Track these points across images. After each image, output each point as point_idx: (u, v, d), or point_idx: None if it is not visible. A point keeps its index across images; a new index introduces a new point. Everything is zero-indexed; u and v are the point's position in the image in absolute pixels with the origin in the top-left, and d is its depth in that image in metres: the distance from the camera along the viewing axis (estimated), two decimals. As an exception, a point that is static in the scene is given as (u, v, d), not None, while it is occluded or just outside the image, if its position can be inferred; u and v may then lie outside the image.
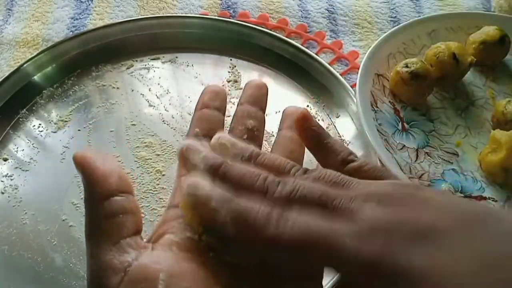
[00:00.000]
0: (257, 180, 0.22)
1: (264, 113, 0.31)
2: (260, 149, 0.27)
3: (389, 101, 0.51)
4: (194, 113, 0.29)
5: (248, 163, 0.23)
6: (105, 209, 0.22)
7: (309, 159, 0.28)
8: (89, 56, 0.55)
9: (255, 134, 0.29)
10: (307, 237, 0.19)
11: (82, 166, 0.22)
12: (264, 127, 0.30)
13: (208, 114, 0.29)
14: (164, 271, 0.20)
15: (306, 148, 0.27)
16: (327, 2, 0.64)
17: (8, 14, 0.61)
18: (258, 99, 0.31)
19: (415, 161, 0.47)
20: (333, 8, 0.63)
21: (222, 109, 0.30)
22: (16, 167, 0.46)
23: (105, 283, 0.20)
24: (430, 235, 0.18)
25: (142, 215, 0.43)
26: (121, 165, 0.46)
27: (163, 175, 0.46)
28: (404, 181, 0.21)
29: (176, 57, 0.56)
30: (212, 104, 0.29)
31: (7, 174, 0.46)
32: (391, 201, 0.20)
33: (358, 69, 0.51)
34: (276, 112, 0.46)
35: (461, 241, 0.18)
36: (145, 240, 0.23)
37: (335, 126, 0.50)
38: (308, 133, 0.26)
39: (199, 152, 0.24)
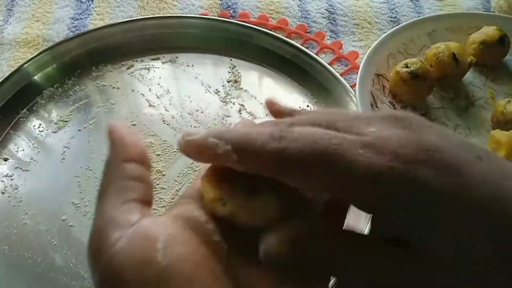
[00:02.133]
0: (261, 129, 0.21)
1: None
2: None
3: (389, 101, 0.51)
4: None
5: None
6: (124, 169, 0.22)
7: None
8: (90, 56, 0.55)
9: None
10: (314, 149, 0.18)
11: (114, 131, 0.23)
12: None
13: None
14: (162, 239, 0.20)
15: None
16: (327, 3, 0.64)
17: (9, 14, 0.61)
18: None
19: (415, 161, 0.47)
20: (333, 9, 0.63)
21: None
22: (16, 167, 0.46)
23: (104, 237, 0.20)
24: (438, 157, 0.18)
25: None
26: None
27: (163, 175, 0.46)
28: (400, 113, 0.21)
29: (176, 57, 0.56)
30: None
31: (7, 174, 0.46)
32: (398, 121, 0.20)
33: (358, 69, 0.51)
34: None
35: (466, 167, 0.18)
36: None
37: (335, 126, 0.50)
38: (281, 115, 0.24)
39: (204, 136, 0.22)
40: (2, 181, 0.46)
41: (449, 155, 0.18)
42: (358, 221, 0.38)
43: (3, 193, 0.45)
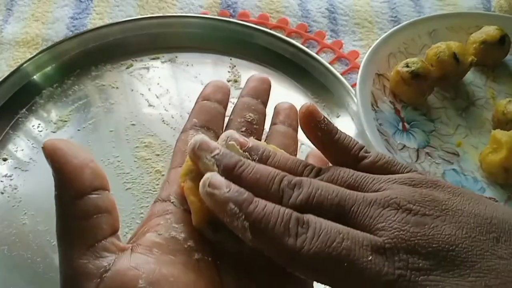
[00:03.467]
0: (272, 184, 0.21)
1: (266, 107, 0.30)
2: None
3: (390, 101, 0.51)
4: (194, 105, 0.28)
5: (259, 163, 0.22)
6: (78, 209, 0.20)
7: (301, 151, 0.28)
8: (89, 56, 0.55)
9: (254, 128, 0.28)
10: (328, 254, 0.18)
11: (52, 158, 0.20)
12: (264, 120, 0.29)
13: (208, 106, 0.28)
14: (143, 277, 0.19)
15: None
16: (327, 2, 0.63)
17: (8, 14, 0.61)
18: (260, 92, 0.29)
19: (416, 161, 0.47)
20: (333, 8, 0.63)
21: (223, 103, 0.29)
22: (16, 167, 0.46)
23: None
24: (450, 257, 0.18)
25: (142, 215, 0.43)
26: (121, 165, 0.46)
27: (163, 175, 0.46)
28: (417, 176, 0.21)
29: (176, 57, 0.56)
30: (213, 97, 0.28)
31: (7, 174, 0.46)
32: (409, 208, 0.19)
33: (359, 68, 0.51)
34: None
35: (476, 264, 0.18)
36: (129, 237, 0.22)
37: (335, 126, 0.50)
38: (316, 131, 0.23)
39: (211, 150, 0.22)
40: (1, 181, 0.45)
41: (462, 252, 0.18)
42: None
43: (2, 193, 0.45)
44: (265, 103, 0.30)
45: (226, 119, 0.30)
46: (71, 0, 0.63)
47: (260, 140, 0.28)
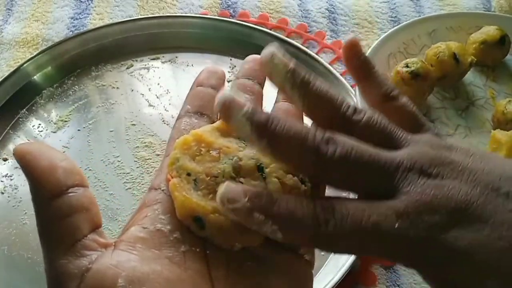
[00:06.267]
0: (306, 140, 0.21)
1: (262, 88, 0.29)
2: None
3: (389, 101, 0.51)
4: (188, 92, 0.28)
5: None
6: (54, 210, 0.20)
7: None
8: (89, 56, 0.55)
9: None
10: (359, 230, 0.20)
11: (22, 163, 0.20)
12: (261, 102, 0.29)
13: (202, 91, 0.27)
14: (123, 276, 0.18)
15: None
16: (327, 2, 0.63)
17: (8, 14, 0.61)
18: (256, 73, 0.29)
19: (416, 161, 0.47)
20: (333, 8, 0.63)
21: (217, 87, 0.28)
22: (16, 167, 0.46)
23: None
24: (467, 214, 0.20)
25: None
26: (121, 165, 0.46)
27: (163, 175, 0.46)
28: (434, 139, 0.23)
29: (176, 57, 0.56)
30: (207, 82, 0.28)
31: (7, 174, 0.46)
32: (431, 172, 0.21)
33: (358, 69, 0.51)
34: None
35: (490, 219, 0.20)
36: (121, 229, 0.22)
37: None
38: (356, 62, 0.25)
39: (241, 107, 0.21)
40: (1, 181, 0.45)
41: (477, 209, 0.20)
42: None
43: (2, 193, 0.45)
44: (261, 84, 0.29)
45: None
46: (71, 0, 0.63)
47: None
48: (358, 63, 0.25)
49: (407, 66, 0.49)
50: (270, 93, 0.30)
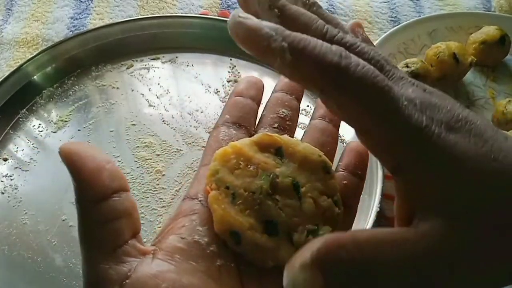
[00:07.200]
0: (316, 21, 0.20)
1: (299, 102, 0.29)
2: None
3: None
4: (227, 100, 0.28)
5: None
6: (98, 213, 0.20)
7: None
8: (89, 56, 0.55)
9: (286, 124, 0.27)
10: (372, 81, 0.18)
11: (68, 163, 0.20)
12: (298, 117, 0.28)
13: (241, 102, 0.27)
14: (165, 280, 0.19)
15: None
16: (327, 2, 0.63)
17: (8, 14, 0.61)
18: (295, 87, 0.28)
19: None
20: (333, 8, 0.63)
21: (256, 99, 0.28)
22: (16, 167, 0.46)
23: None
24: (470, 129, 0.20)
25: (142, 215, 0.43)
26: (121, 165, 0.46)
27: (163, 175, 0.46)
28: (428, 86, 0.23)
29: (176, 57, 0.56)
30: (246, 93, 0.28)
31: (7, 174, 0.46)
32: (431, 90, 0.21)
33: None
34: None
35: (488, 141, 0.20)
36: (151, 238, 0.22)
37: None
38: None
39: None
40: (1, 181, 0.45)
41: (480, 128, 0.20)
42: (357, 224, 0.38)
43: (2, 193, 0.45)
44: (299, 99, 0.29)
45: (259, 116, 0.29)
46: (71, 0, 0.63)
47: (293, 137, 0.27)
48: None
49: (407, 66, 0.49)
50: (268, 90, 0.31)
